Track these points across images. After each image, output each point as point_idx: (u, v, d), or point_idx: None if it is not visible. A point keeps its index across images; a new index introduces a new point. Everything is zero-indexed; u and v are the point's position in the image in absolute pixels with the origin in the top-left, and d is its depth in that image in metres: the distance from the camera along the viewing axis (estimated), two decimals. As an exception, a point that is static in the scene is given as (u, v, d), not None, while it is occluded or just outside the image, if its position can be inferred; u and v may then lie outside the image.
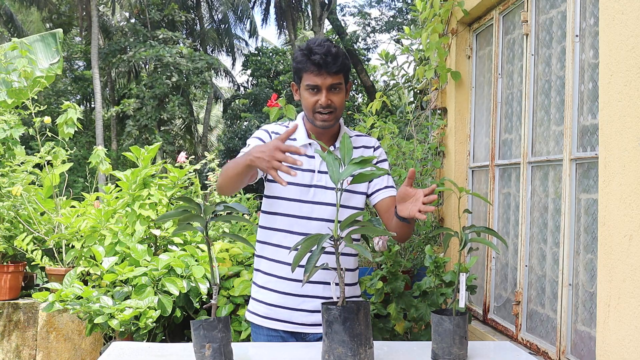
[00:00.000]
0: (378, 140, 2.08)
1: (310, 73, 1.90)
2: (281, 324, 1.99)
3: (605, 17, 1.76)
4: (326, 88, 1.91)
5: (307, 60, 1.90)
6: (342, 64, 1.91)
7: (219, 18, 23.75)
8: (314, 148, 2.01)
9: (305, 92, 1.94)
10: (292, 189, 1.96)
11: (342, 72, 1.93)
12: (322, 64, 1.88)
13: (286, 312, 1.98)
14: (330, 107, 1.92)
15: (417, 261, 3.25)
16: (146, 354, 1.76)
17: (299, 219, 1.96)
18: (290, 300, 1.97)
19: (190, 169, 3.42)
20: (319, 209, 1.96)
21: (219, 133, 26.21)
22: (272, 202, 2.01)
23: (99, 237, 3.19)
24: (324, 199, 1.97)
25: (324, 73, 1.89)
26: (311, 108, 1.94)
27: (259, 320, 2.02)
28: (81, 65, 21.94)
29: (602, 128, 1.76)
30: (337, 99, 1.93)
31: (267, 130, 2.04)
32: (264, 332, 2.02)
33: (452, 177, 3.45)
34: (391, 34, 19.44)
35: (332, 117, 1.94)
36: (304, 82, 1.94)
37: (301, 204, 1.97)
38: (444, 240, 1.82)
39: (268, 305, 2.00)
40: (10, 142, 3.79)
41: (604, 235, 1.73)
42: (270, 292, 2.00)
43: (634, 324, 1.58)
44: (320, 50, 1.89)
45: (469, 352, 1.74)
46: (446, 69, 3.45)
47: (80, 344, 3.45)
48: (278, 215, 1.99)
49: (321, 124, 1.94)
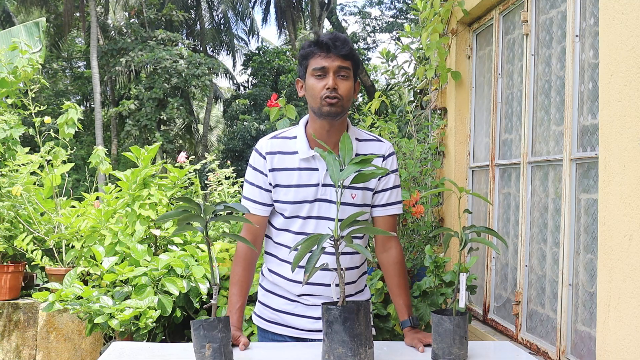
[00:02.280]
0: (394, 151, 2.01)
1: (317, 57, 1.83)
2: (286, 329, 1.97)
3: (605, 17, 1.76)
4: (333, 71, 1.81)
5: (314, 45, 1.85)
6: (352, 50, 1.85)
7: (219, 17, 23.75)
8: (316, 160, 1.89)
9: (311, 79, 1.84)
10: (296, 206, 1.89)
11: (351, 60, 1.84)
12: (331, 46, 1.81)
13: (291, 318, 1.96)
14: (337, 92, 1.81)
15: (417, 261, 3.25)
16: (146, 354, 1.76)
17: (303, 235, 1.88)
18: (295, 306, 1.96)
19: (190, 169, 3.42)
20: (324, 224, 1.89)
21: (219, 133, 26.20)
22: (283, 220, 1.95)
23: (99, 237, 3.19)
24: (328, 213, 1.89)
25: (332, 55, 1.81)
26: (318, 95, 1.82)
27: (265, 325, 2.02)
28: (81, 65, 21.96)
29: (602, 128, 1.76)
30: (345, 86, 1.83)
31: (260, 152, 1.93)
32: (269, 337, 2.01)
33: (452, 177, 3.45)
34: (392, 34, 19.44)
35: (339, 103, 1.81)
36: (310, 67, 1.84)
37: (305, 220, 1.90)
38: (444, 240, 1.82)
39: (274, 310, 1.99)
40: (10, 142, 3.79)
41: (604, 235, 1.73)
42: (276, 297, 1.99)
43: (634, 324, 1.58)
44: (328, 36, 1.84)
45: (469, 352, 1.74)
46: (446, 68, 3.45)
47: (80, 344, 3.46)
48: (282, 231, 1.95)
49: (328, 110, 1.81)
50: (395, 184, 1.98)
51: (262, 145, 1.94)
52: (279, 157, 1.91)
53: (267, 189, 1.93)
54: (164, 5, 19.41)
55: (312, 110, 1.88)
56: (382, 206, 1.96)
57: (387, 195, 1.96)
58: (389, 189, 1.96)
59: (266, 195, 1.93)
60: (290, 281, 1.95)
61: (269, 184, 1.92)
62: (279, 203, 1.92)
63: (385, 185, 1.95)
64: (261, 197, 1.93)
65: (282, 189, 1.90)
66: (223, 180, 3.93)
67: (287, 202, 1.90)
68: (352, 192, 1.89)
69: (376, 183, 1.93)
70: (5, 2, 18.86)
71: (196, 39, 22.50)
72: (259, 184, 1.93)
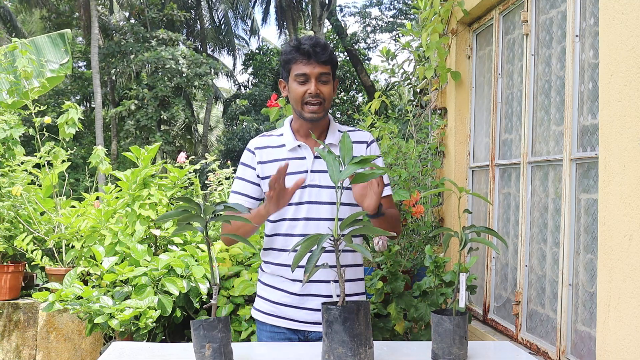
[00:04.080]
0: (375, 138, 2.12)
1: (299, 63, 1.95)
2: (284, 322, 2.01)
3: (605, 17, 1.76)
4: (315, 77, 1.94)
5: (296, 51, 1.96)
6: (331, 55, 1.97)
7: (220, 17, 23.75)
8: (303, 149, 2.02)
9: (294, 83, 1.97)
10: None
11: (330, 64, 1.97)
12: (312, 53, 1.93)
13: (289, 310, 2.00)
14: (319, 97, 1.95)
15: (417, 261, 3.25)
16: (146, 354, 1.76)
17: (297, 221, 1.98)
18: (293, 299, 2.00)
19: (190, 169, 3.42)
20: (316, 208, 1.98)
21: (219, 133, 26.21)
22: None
23: (99, 237, 3.19)
24: (319, 198, 1.98)
25: (313, 62, 1.93)
26: (300, 99, 1.96)
27: (263, 318, 2.06)
28: (82, 65, 21.95)
29: (602, 128, 1.76)
30: (326, 90, 1.96)
31: (250, 149, 2.07)
32: (267, 329, 2.05)
33: (452, 177, 3.45)
34: (392, 34, 19.44)
35: (321, 108, 1.96)
36: (293, 72, 1.96)
37: (298, 206, 1.98)
38: (444, 240, 1.82)
39: (272, 303, 2.04)
40: (10, 142, 3.79)
41: (604, 235, 1.73)
42: (275, 291, 2.03)
43: (634, 324, 1.58)
44: (309, 42, 1.95)
45: (469, 352, 1.74)
46: (446, 69, 3.45)
47: (80, 344, 3.46)
48: (279, 221, 2.03)
49: (310, 116, 1.96)
50: (388, 170, 2.04)
51: (251, 143, 2.09)
52: (267, 151, 2.04)
53: (255, 182, 2.05)
54: (164, 5, 19.40)
55: (295, 112, 2.03)
56: None
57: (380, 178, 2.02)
58: None
59: (254, 188, 2.05)
60: (284, 266, 2.00)
61: (257, 177, 2.04)
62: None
63: None
64: (248, 190, 2.05)
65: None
66: (223, 180, 3.93)
67: None
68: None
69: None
70: (6, 2, 18.85)
71: (196, 39, 22.49)
72: (247, 178, 2.05)
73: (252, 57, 20.90)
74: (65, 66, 5.22)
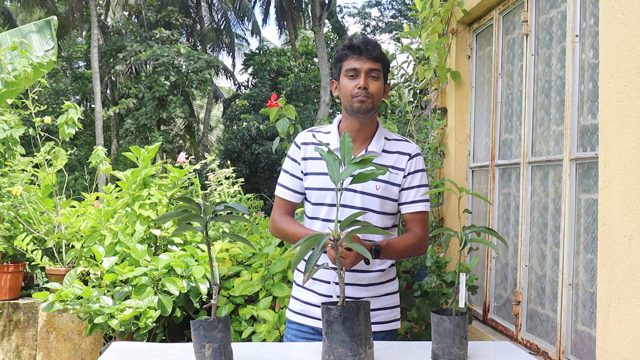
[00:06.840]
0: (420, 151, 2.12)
1: (350, 59, 2.00)
2: (310, 320, 2.07)
3: (605, 17, 1.76)
4: (365, 72, 1.97)
5: (347, 48, 2.01)
6: (382, 53, 2.01)
7: (219, 17, 23.74)
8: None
9: (345, 79, 2.01)
10: (327, 194, 2.03)
11: (381, 62, 2.01)
12: (363, 49, 1.98)
13: (316, 310, 2.05)
14: (368, 90, 1.97)
15: (417, 261, 3.25)
16: (146, 354, 1.76)
17: (331, 222, 1.98)
18: (320, 299, 2.04)
19: (190, 169, 3.42)
20: (348, 212, 1.97)
21: (219, 133, 26.20)
22: (312, 208, 2.10)
23: (99, 237, 3.18)
24: (353, 202, 2.01)
25: (364, 57, 1.98)
26: (349, 93, 1.99)
27: (292, 316, 2.13)
28: (82, 65, 21.95)
29: (602, 128, 1.76)
30: (375, 86, 1.99)
31: (297, 143, 2.12)
32: (294, 327, 2.12)
33: (452, 177, 3.45)
34: (391, 34, 19.43)
35: (369, 101, 1.98)
36: (344, 68, 2.01)
37: (330, 207, 2.03)
38: (444, 240, 1.82)
39: (302, 303, 2.10)
40: (10, 142, 3.79)
41: (604, 235, 1.73)
42: (306, 291, 2.10)
43: (634, 324, 1.58)
44: (360, 40, 2.01)
45: (469, 352, 1.74)
46: (446, 69, 3.45)
47: (80, 344, 3.46)
48: (312, 219, 2.09)
49: (358, 106, 1.97)
50: (422, 183, 2.08)
51: (299, 137, 2.14)
52: (312, 148, 2.09)
53: (298, 176, 2.10)
54: (162, 6, 19.39)
55: (345, 109, 2.05)
56: (409, 203, 2.07)
57: (413, 193, 2.06)
58: (415, 187, 2.07)
59: (297, 182, 2.11)
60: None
61: (300, 172, 2.10)
62: (308, 190, 2.09)
63: (411, 183, 2.06)
64: (292, 183, 2.11)
65: (312, 177, 2.07)
66: (223, 180, 3.93)
67: (314, 189, 2.06)
68: (376, 184, 2.01)
69: (402, 180, 2.05)
70: (5, 2, 18.85)
71: (196, 39, 22.49)
72: (292, 172, 2.11)
73: (252, 57, 20.88)
74: (51, 52, 5.14)
